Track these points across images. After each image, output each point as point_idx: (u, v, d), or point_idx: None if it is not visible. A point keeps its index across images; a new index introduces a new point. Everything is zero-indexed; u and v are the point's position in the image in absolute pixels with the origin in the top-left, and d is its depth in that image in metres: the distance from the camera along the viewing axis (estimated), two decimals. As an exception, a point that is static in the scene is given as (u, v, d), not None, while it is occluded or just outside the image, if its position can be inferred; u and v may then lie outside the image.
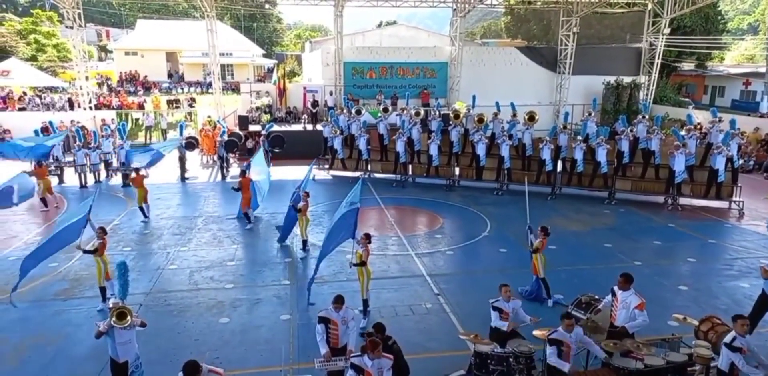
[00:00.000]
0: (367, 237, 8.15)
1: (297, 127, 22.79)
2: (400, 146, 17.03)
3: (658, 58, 26.28)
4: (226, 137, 19.15)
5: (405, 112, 18.17)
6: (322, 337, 6.07)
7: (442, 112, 19.12)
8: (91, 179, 17.36)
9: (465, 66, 25.44)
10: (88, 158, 17.03)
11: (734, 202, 14.82)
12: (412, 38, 33.91)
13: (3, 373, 6.89)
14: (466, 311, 8.54)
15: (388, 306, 8.69)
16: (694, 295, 9.33)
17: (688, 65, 34.46)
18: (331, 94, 24.21)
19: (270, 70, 37.81)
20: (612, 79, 26.37)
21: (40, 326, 8.10)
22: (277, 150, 19.32)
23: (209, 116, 23.57)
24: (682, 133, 15.65)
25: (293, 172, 18.85)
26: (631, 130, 15.53)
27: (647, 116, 17.02)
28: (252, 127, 21.95)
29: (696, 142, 14.97)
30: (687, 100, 31.31)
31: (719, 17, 33.93)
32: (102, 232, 8.64)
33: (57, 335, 7.81)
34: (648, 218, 14.11)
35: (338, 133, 18.14)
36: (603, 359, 6.06)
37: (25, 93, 28.74)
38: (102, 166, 17.74)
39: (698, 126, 18.19)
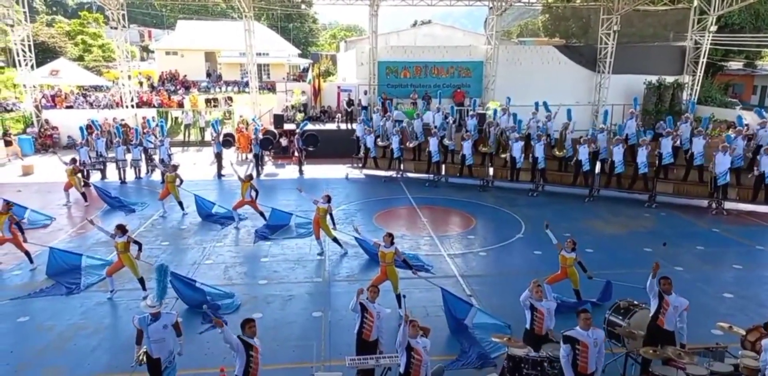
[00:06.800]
0: (390, 236, 8.43)
1: (331, 126, 22.96)
2: (433, 146, 16.93)
3: (704, 57, 25.29)
4: (261, 135, 19.44)
5: (439, 111, 18.08)
6: (354, 306, 6.37)
7: (477, 112, 18.91)
8: (131, 175, 17.90)
9: (501, 65, 25.06)
10: (128, 154, 17.57)
11: (785, 207, 14.16)
12: (447, 37, 33.58)
13: (47, 360, 7.16)
14: (499, 313, 8.39)
15: (420, 306, 8.64)
16: (741, 303, 8.94)
17: (735, 64, 33.03)
18: (365, 93, 24.27)
19: (305, 70, 38.18)
20: (654, 78, 25.51)
21: (83, 316, 8.39)
22: (311, 148, 19.52)
23: (241, 115, 24.11)
24: (731, 134, 15.00)
25: (326, 171, 19.11)
26: (676, 132, 14.99)
27: (692, 116, 16.37)
28: (287, 126, 22.24)
29: (744, 143, 14.33)
30: (734, 100, 29.97)
31: (771, 14, 32.37)
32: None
33: (99, 325, 8.08)
34: (690, 223, 13.60)
35: (371, 132, 18.18)
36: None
37: (72, 92, 29.87)
38: (143, 162, 18.27)
39: (747, 128, 17.37)
